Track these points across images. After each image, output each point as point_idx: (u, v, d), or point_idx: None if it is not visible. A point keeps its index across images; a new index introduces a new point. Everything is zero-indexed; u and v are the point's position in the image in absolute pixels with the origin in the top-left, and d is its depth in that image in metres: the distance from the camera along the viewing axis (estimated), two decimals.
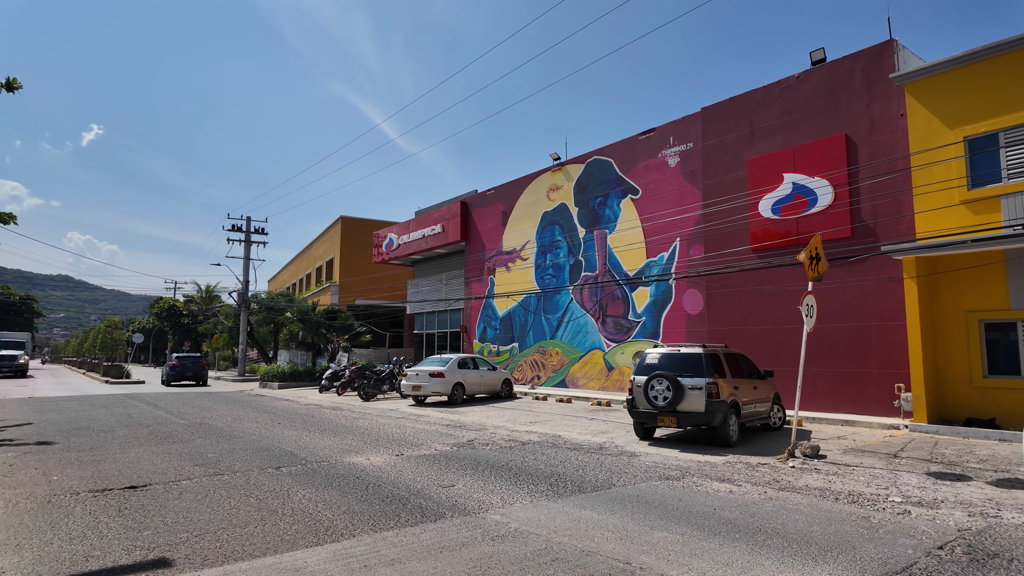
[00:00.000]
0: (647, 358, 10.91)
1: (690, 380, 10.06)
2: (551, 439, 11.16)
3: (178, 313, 61.21)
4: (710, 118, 17.31)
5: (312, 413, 16.23)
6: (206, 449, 9.96)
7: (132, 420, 14.35)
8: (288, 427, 13.02)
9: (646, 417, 10.51)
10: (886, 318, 13.40)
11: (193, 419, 14.62)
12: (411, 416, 15.29)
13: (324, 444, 10.54)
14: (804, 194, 14.85)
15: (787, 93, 15.57)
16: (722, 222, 16.50)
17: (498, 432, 12.12)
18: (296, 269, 57.56)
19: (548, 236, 22.76)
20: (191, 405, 18.57)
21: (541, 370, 22.62)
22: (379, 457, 9.22)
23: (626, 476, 7.81)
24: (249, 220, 39.57)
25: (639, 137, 19.49)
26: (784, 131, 15.55)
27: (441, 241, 28.28)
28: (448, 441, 10.91)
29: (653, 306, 18.57)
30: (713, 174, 17.03)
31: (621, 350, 19.45)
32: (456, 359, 18.67)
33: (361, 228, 42.80)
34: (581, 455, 9.42)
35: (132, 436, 11.62)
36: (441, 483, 7.36)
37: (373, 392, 20.41)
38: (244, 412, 16.43)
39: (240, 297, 37.91)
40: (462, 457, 9.24)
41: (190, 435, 11.72)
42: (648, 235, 18.82)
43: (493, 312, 25.42)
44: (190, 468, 8.34)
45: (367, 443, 10.65)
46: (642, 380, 10.57)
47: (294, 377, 28.12)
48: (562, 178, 22.36)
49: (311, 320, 30.07)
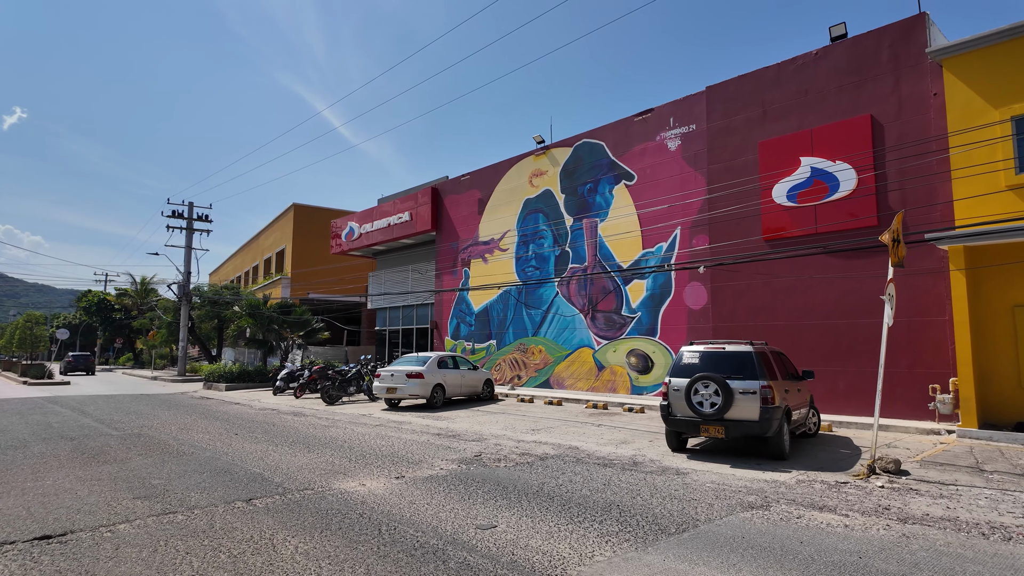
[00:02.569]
0: (684, 357, 9.42)
1: (740, 383, 8.62)
2: (570, 452, 9.54)
3: (109, 307, 56.44)
4: (716, 98, 16.06)
5: (272, 420, 14.08)
6: (149, 472, 7.85)
7: (52, 431, 11.89)
8: (248, 439, 10.93)
9: (686, 426, 9.02)
10: (916, 313, 12.40)
11: (129, 429, 12.28)
12: (389, 423, 13.38)
13: (300, 463, 8.58)
14: (824, 179, 13.74)
15: (804, 71, 14.44)
16: (729, 210, 15.26)
17: (502, 443, 10.41)
18: (241, 261, 53.96)
19: (531, 225, 21.13)
20: (126, 411, 16.03)
21: (522, 369, 20.98)
22: (376, 481, 7.38)
23: (700, 506, 6.26)
24: (191, 206, 36.31)
25: (634, 119, 18.10)
26: (800, 112, 14.41)
27: (409, 230, 26.23)
28: (450, 456, 9.14)
29: (650, 300, 17.21)
30: (719, 158, 15.77)
31: (613, 348, 18.03)
32: (435, 358, 16.82)
33: (316, 217, 40.09)
34: (621, 474, 7.84)
35: (51, 454, 9.32)
36: (476, 522, 5.62)
37: (338, 395, 18.31)
38: (191, 419, 14.11)
39: (181, 290, 34.69)
40: (478, 479, 7.51)
41: (126, 452, 9.51)
42: (644, 224, 17.45)
43: (468, 307, 23.60)
44: (129, 503, 6.29)
45: (352, 460, 8.76)
46: (681, 383, 9.08)
47: (243, 377, 25.51)
48: (547, 163, 20.77)
49: (262, 315, 27.46)
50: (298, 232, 39.54)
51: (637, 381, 17.25)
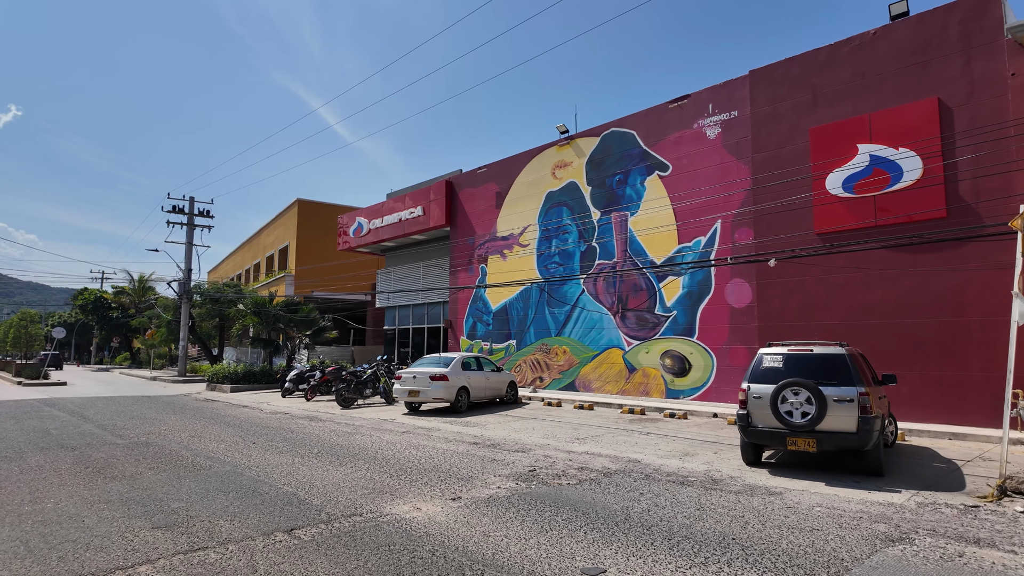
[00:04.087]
0: (765, 361, 8.39)
1: (835, 390, 7.62)
2: (632, 466, 8.53)
3: (106, 306, 55.15)
4: (760, 82, 15.07)
5: (288, 426, 13.04)
6: (165, 492, 6.81)
7: (51, 439, 10.83)
8: (268, 449, 9.89)
9: (769, 438, 8.00)
10: (991, 313, 11.44)
11: (135, 436, 11.23)
12: (417, 430, 12.36)
13: (334, 479, 7.55)
14: (885, 168, 12.77)
15: (860, 52, 13.47)
16: (777, 202, 14.28)
17: (552, 455, 9.40)
18: (241, 259, 52.79)
19: (554, 219, 20.11)
20: (128, 415, 14.96)
21: (545, 371, 19.97)
22: (430, 504, 6.35)
23: (831, 539, 5.26)
24: (192, 201, 35.18)
25: (668, 105, 17.10)
26: (856, 96, 13.44)
27: (422, 225, 25.18)
28: (500, 471, 8.12)
29: (687, 298, 16.22)
30: (764, 146, 14.79)
31: (645, 349, 17.02)
32: (459, 359, 15.79)
33: (320, 213, 38.99)
34: (708, 496, 6.84)
35: (50, 467, 8.27)
36: (577, 563, 4.61)
37: (353, 397, 17.27)
38: (200, 425, 13.06)
39: (182, 287, 33.56)
40: (547, 501, 6.49)
41: (136, 465, 8.46)
42: (681, 217, 16.45)
43: (485, 305, 22.57)
44: (147, 535, 5.26)
45: (393, 476, 7.74)
46: (764, 390, 8.06)
47: (249, 378, 24.43)
48: (571, 153, 19.75)
49: (268, 313, 26.36)
50: (302, 228, 38.44)
51: (673, 384, 16.26)
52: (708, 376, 15.54)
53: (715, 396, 15.30)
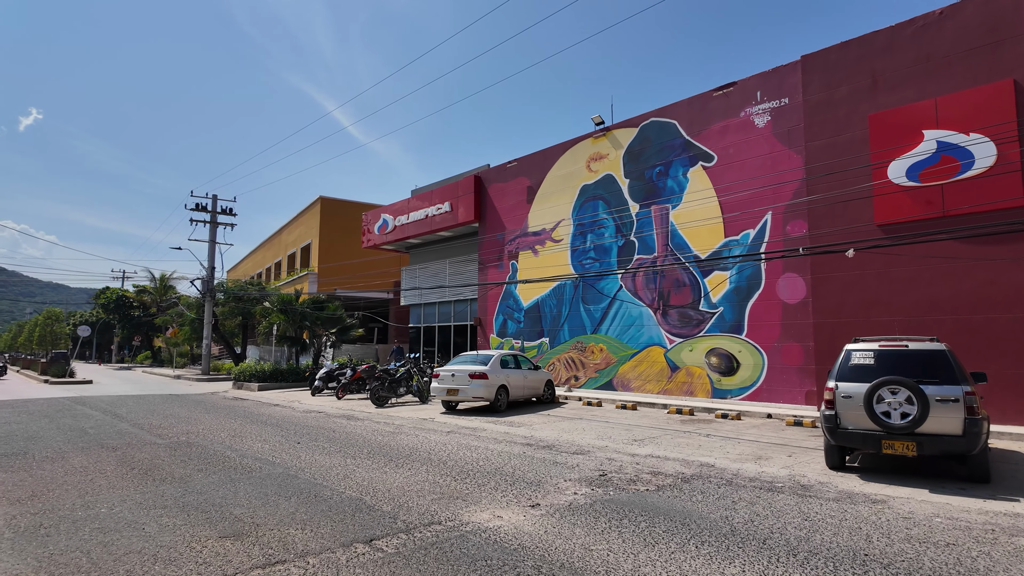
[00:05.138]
0: (855, 358, 7.79)
1: (937, 389, 7.01)
2: (706, 471, 7.97)
3: (128, 304, 55.38)
4: (813, 68, 14.40)
5: (327, 425, 12.62)
6: (222, 496, 6.37)
7: (89, 438, 10.49)
8: (315, 449, 9.45)
9: (861, 441, 7.39)
10: None
11: (174, 436, 10.85)
12: (462, 429, 11.88)
13: (395, 482, 7.08)
14: (954, 155, 12.08)
15: (924, 34, 12.78)
16: (834, 193, 13.61)
17: (615, 458, 8.87)
18: (262, 257, 52.75)
19: (589, 213, 19.55)
20: (160, 413, 14.64)
21: (580, 369, 19.42)
22: (510, 512, 5.85)
23: (979, 558, 4.68)
24: (215, 199, 35.08)
25: (713, 94, 16.47)
26: (920, 79, 12.75)
27: (449, 222, 24.72)
28: (568, 475, 7.60)
29: (734, 294, 15.59)
30: (819, 134, 14.13)
31: (689, 347, 16.41)
32: (497, 357, 15.30)
33: (342, 211, 38.74)
34: (806, 503, 6.27)
35: (94, 468, 7.88)
36: None
37: (387, 396, 16.85)
38: (237, 424, 12.68)
39: (205, 285, 33.43)
40: (635, 509, 5.97)
41: (182, 466, 8.05)
42: (727, 209, 15.83)
43: (516, 302, 22.06)
44: (216, 546, 4.80)
45: (456, 479, 7.24)
46: (855, 389, 7.46)
47: (276, 376, 24.12)
48: (607, 145, 19.18)
49: (295, 311, 26.04)
50: (325, 226, 38.20)
51: (719, 384, 15.64)
52: (758, 375, 14.92)
53: (766, 396, 14.67)
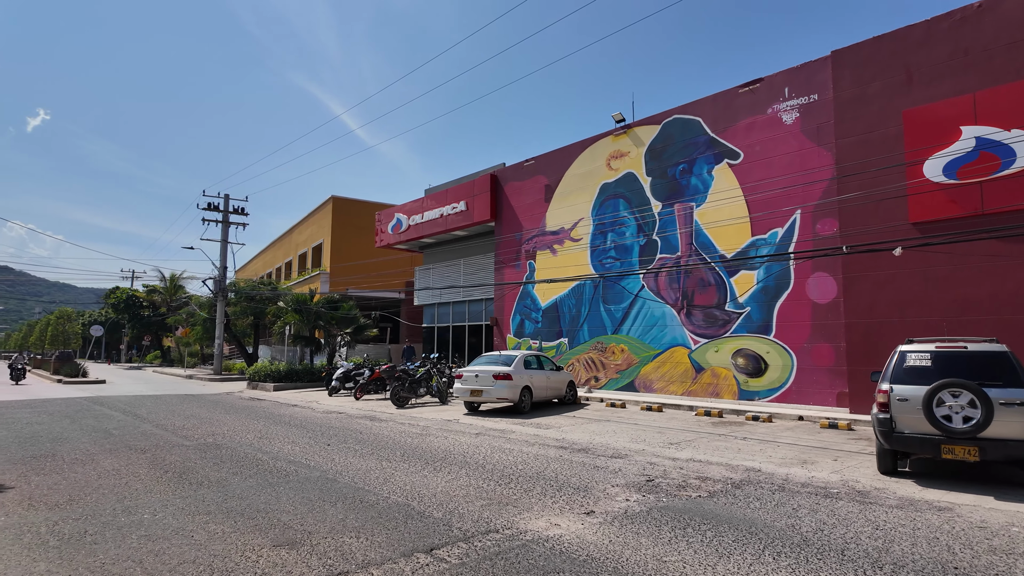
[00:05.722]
0: (910, 359, 7.54)
1: (1002, 392, 6.75)
2: (756, 475, 7.74)
3: (137, 304, 55.41)
4: (844, 63, 14.13)
5: (351, 426, 12.43)
6: (265, 501, 6.17)
7: (115, 440, 10.32)
8: (347, 451, 9.25)
9: (919, 445, 7.14)
10: None
11: (199, 438, 10.68)
12: (490, 431, 11.66)
13: (438, 486, 6.86)
14: (995, 151, 11.80)
15: (962, 27, 12.50)
16: (867, 191, 13.34)
17: (655, 461, 8.63)
18: (272, 257, 52.71)
19: (609, 212, 19.32)
20: (181, 414, 14.48)
21: (600, 370, 19.18)
22: (566, 519, 5.63)
23: None
24: (227, 198, 34.95)
25: (738, 90, 16.21)
26: (958, 74, 12.47)
27: (465, 221, 24.52)
28: (614, 480, 7.37)
29: (762, 293, 15.33)
30: (850, 131, 13.86)
31: (715, 347, 16.16)
32: (521, 357, 15.08)
33: (354, 210, 38.62)
34: (868, 511, 6.03)
35: (126, 471, 7.70)
36: None
37: (408, 397, 16.67)
38: (262, 425, 12.50)
39: (217, 285, 33.33)
40: (694, 516, 5.74)
41: (216, 469, 7.86)
42: (754, 208, 15.57)
43: (533, 302, 21.84)
44: (272, 555, 4.59)
45: (501, 484, 7.03)
46: (913, 392, 7.20)
47: (291, 377, 23.97)
48: (628, 143, 18.94)
49: (309, 311, 25.90)
50: (336, 226, 38.06)
51: (746, 385, 15.38)
52: (787, 376, 14.65)
53: (795, 398, 14.41)
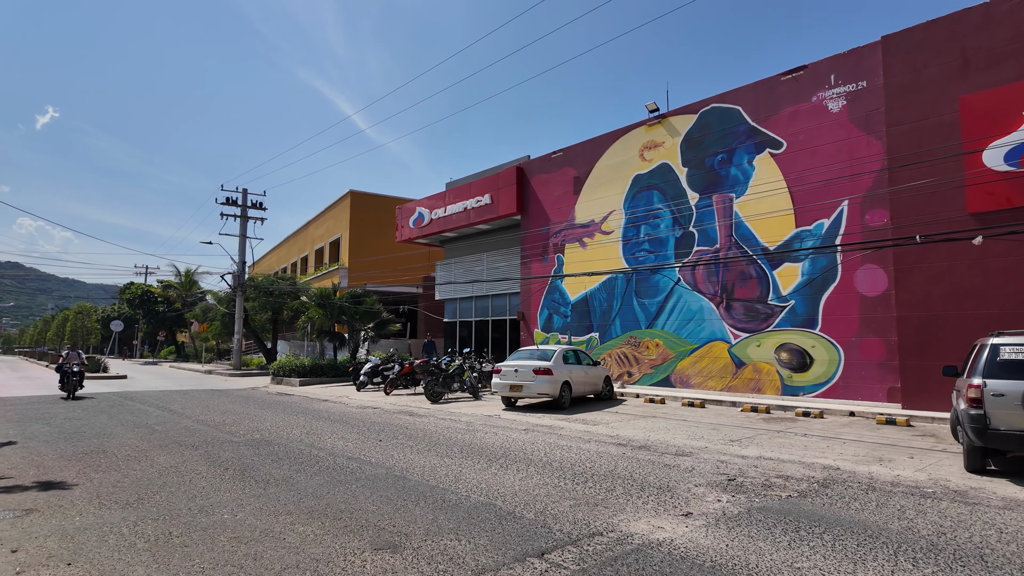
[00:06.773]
0: (1005, 352, 7.19)
1: None
2: (837, 474, 7.43)
3: (153, 300, 55.46)
4: (896, 49, 13.72)
5: (393, 422, 12.19)
6: (344, 501, 5.91)
7: (160, 435, 10.11)
8: (403, 447, 9.00)
9: (1017, 443, 6.80)
10: None
11: (245, 433, 10.46)
12: (536, 427, 11.39)
13: (516, 486, 6.58)
14: None
15: (1023, 9, 12.08)
16: (921, 181, 12.94)
17: (725, 460, 8.33)
18: (287, 252, 52.56)
19: (642, 204, 18.96)
20: (215, 409, 14.29)
21: (633, 365, 18.87)
22: (666, 521, 5.35)
23: None
24: (245, 193, 34.78)
25: (780, 78, 15.81)
26: (1019, 58, 12.05)
27: (489, 214, 24.20)
28: (693, 480, 7.08)
29: (807, 287, 14.97)
30: (902, 118, 13.46)
31: (756, 342, 15.81)
32: (559, 352, 14.80)
33: (372, 204, 38.35)
34: (978, 511, 5.72)
35: (184, 468, 7.47)
36: None
37: (441, 392, 16.43)
38: (304, 421, 12.27)
39: (236, 280, 33.22)
40: (799, 518, 5.45)
41: (276, 466, 7.62)
42: (798, 198, 15.19)
43: (562, 296, 21.53)
44: (375, 559, 4.33)
45: (580, 483, 6.75)
46: (1007, 387, 6.86)
47: (316, 371, 23.80)
48: (662, 133, 18.56)
49: (333, 305, 25.69)
50: (355, 220, 37.81)
51: (790, 380, 15.04)
52: (834, 371, 14.30)
53: (842, 393, 14.06)
